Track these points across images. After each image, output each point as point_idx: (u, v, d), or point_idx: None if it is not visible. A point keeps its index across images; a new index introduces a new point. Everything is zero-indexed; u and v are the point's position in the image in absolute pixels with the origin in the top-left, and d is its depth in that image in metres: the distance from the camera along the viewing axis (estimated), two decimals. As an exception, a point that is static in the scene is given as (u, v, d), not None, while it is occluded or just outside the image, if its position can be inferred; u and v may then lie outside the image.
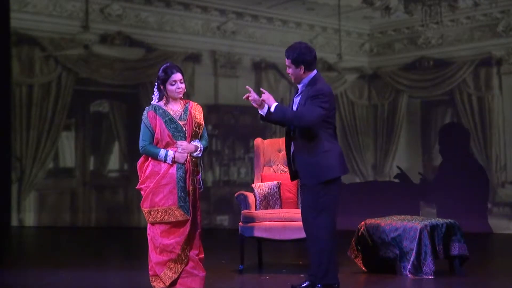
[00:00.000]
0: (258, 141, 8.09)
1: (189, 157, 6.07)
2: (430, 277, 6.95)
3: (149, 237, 6.11)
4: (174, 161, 6.02)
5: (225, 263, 7.88)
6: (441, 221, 7.23)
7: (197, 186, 6.12)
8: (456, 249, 7.19)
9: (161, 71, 6.11)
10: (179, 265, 6.04)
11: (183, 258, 6.05)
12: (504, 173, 10.59)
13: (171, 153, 6.02)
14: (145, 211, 6.07)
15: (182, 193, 6.01)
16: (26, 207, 11.78)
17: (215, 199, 11.50)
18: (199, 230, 6.12)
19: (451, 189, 10.55)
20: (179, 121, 6.10)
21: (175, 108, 6.14)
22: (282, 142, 7.91)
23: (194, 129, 6.12)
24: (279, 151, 7.96)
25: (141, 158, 6.15)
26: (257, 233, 7.39)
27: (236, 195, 7.69)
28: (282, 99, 11.20)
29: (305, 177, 6.11)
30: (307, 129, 6.01)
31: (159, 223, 6.04)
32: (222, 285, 6.82)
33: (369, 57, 11.33)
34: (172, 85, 6.10)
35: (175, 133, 6.07)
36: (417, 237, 7.00)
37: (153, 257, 6.07)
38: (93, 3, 11.79)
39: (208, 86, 11.62)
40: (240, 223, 7.47)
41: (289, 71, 6.15)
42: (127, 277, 7.38)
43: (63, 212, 11.77)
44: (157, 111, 6.09)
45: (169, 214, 6.01)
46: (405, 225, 7.13)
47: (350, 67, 11.38)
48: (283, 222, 7.38)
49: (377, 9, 11.22)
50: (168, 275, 6.03)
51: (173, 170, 6.02)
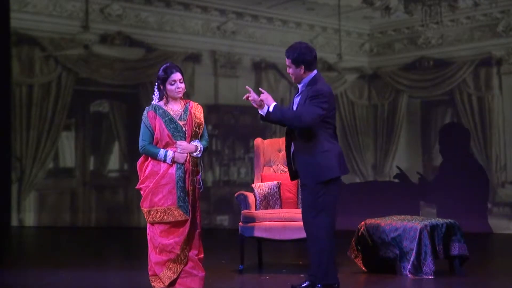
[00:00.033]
0: (258, 141, 8.09)
1: (188, 157, 6.07)
2: (430, 277, 6.95)
3: (148, 237, 6.11)
4: (173, 161, 6.02)
5: (225, 263, 7.88)
6: (441, 221, 7.23)
7: (197, 186, 6.12)
8: (456, 249, 7.19)
9: (161, 71, 6.12)
10: (178, 265, 6.04)
11: (182, 258, 6.05)
12: (504, 173, 10.58)
13: (170, 153, 6.02)
14: (145, 211, 6.07)
15: (181, 193, 6.01)
16: (26, 207, 11.78)
17: (215, 199, 11.50)
18: (199, 230, 6.12)
19: (451, 189, 10.55)
20: (179, 121, 6.10)
21: (175, 108, 6.14)
22: (282, 142, 7.91)
23: (194, 129, 6.12)
24: (279, 151, 7.96)
25: (141, 158, 6.15)
26: (257, 233, 7.38)
27: (236, 195, 7.68)
28: (282, 99, 11.20)
29: (305, 177, 6.11)
30: (307, 129, 6.00)
31: (158, 223, 6.04)
32: (222, 285, 6.82)
33: (369, 57, 11.32)
34: (171, 84, 6.10)
35: (175, 133, 6.07)
36: (417, 237, 7.00)
37: (153, 257, 6.07)
38: (93, 3, 11.79)
39: (208, 86, 11.62)
40: (240, 223, 7.47)
41: (290, 71, 6.15)
42: (127, 277, 7.38)
43: (63, 212, 11.77)
44: (157, 111, 6.09)
45: (168, 214, 6.01)
46: (405, 225, 7.13)
47: (350, 67, 11.37)
48: (283, 222, 7.37)
49: (377, 9, 11.22)
50: (167, 275, 6.03)
51: (173, 170, 6.02)
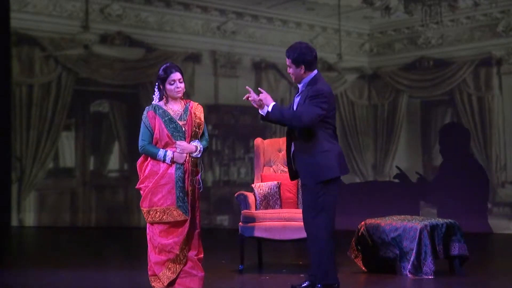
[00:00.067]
0: (258, 141, 8.09)
1: (188, 157, 6.07)
2: (430, 277, 6.95)
3: (148, 237, 6.11)
4: (173, 161, 6.02)
5: (225, 263, 7.87)
6: (441, 221, 7.23)
7: (197, 186, 6.12)
8: (456, 249, 7.19)
9: (160, 71, 6.12)
10: (177, 265, 6.04)
11: (182, 258, 6.04)
12: (504, 173, 10.58)
13: (169, 153, 6.02)
14: (144, 211, 6.07)
15: (180, 193, 6.01)
16: (26, 207, 11.78)
17: (215, 199, 11.50)
18: (198, 230, 6.11)
19: (451, 189, 10.55)
20: (179, 121, 6.09)
21: (175, 108, 6.14)
22: (282, 142, 7.92)
23: (193, 129, 6.11)
24: (279, 151, 7.95)
25: (140, 157, 6.15)
26: (257, 233, 7.38)
27: (236, 195, 7.68)
28: (282, 99, 11.20)
29: (305, 177, 6.11)
30: (307, 129, 6.00)
31: (157, 223, 6.04)
32: (222, 285, 6.82)
33: (369, 57, 11.32)
34: (171, 84, 6.10)
35: (175, 133, 6.07)
36: (417, 237, 7.00)
37: (152, 257, 6.07)
38: (93, 3, 11.79)
39: (208, 86, 11.62)
40: (240, 223, 7.47)
41: (290, 71, 6.15)
42: (127, 277, 7.38)
43: (63, 212, 11.77)
44: (157, 111, 6.09)
45: (168, 214, 6.01)
46: (405, 225, 7.12)
47: (350, 67, 11.37)
48: (283, 222, 7.37)
49: (377, 9, 11.22)
50: (166, 275, 6.03)
51: (172, 170, 6.02)
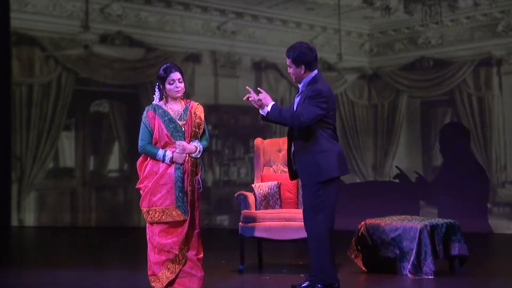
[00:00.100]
0: (258, 141, 8.09)
1: (188, 158, 6.07)
2: (430, 277, 6.95)
3: (148, 237, 6.11)
4: (172, 161, 6.02)
5: (225, 263, 7.87)
6: (441, 221, 7.23)
7: (196, 186, 6.12)
8: (456, 249, 7.19)
9: (160, 70, 6.13)
10: (176, 266, 6.04)
11: (181, 258, 6.04)
12: (504, 173, 10.58)
13: (169, 153, 6.02)
14: (144, 211, 6.08)
15: (180, 193, 6.01)
16: (26, 207, 11.77)
17: (215, 199, 11.49)
18: (198, 230, 6.11)
19: (451, 189, 10.54)
20: (179, 121, 6.09)
21: (175, 108, 6.14)
22: (282, 142, 7.92)
23: (193, 129, 6.11)
24: (279, 151, 7.95)
25: (140, 157, 6.15)
26: (257, 233, 7.38)
27: (236, 195, 7.68)
28: (282, 99, 11.20)
29: (304, 177, 6.12)
30: (306, 128, 6.01)
31: (157, 222, 6.04)
32: (222, 285, 6.82)
33: (369, 57, 11.32)
34: (170, 84, 6.10)
35: (174, 133, 6.07)
36: (417, 237, 7.00)
37: (152, 256, 6.07)
38: (93, 3, 11.79)
39: (208, 86, 11.61)
40: (240, 223, 7.47)
41: (290, 70, 6.16)
42: (127, 277, 7.37)
43: (63, 212, 11.77)
44: (157, 111, 6.09)
45: (167, 214, 6.01)
46: (405, 225, 7.12)
47: (350, 67, 11.37)
48: (283, 222, 7.37)
49: (377, 9, 11.21)
50: (166, 275, 6.03)
51: (171, 170, 6.02)
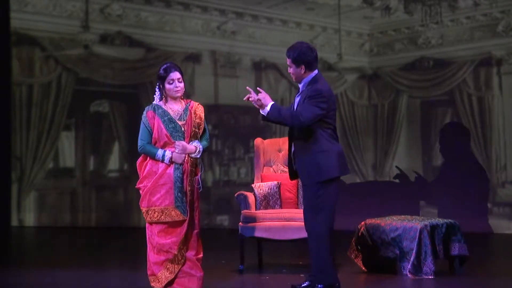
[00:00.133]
0: (258, 141, 8.09)
1: (187, 158, 6.06)
2: (430, 277, 6.95)
3: (147, 237, 6.12)
4: (171, 162, 6.02)
5: (225, 263, 7.87)
6: (441, 221, 7.23)
7: (196, 186, 6.11)
8: (456, 249, 7.19)
9: (161, 70, 6.13)
10: (175, 266, 6.04)
11: (180, 258, 6.04)
12: (504, 173, 10.58)
13: (168, 153, 6.02)
14: (143, 211, 6.08)
15: (179, 194, 6.01)
16: (26, 207, 11.77)
17: (215, 199, 11.49)
18: (197, 230, 6.10)
19: (451, 189, 10.54)
20: (178, 121, 6.09)
21: (175, 107, 6.14)
22: (282, 142, 7.92)
23: (193, 129, 6.11)
24: (279, 151, 7.95)
25: (140, 157, 6.15)
26: (257, 233, 7.38)
27: (236, 195, 7.68)
28: (282, 99, 11.20)
29: (304, 177, 6.12)
30: (306, 128, 6.01)
31: (156, 222, 6.04)
32: (222, 285, 6.82)
33: (369, 57, 11.32)
34: (170, 83, 6.10)
35: (174, 133, 6.07)
36: (417, 237, 7.00)
37: (151, 256, 6.07)
38: (93, 3, 11.79)
39: (208, 86, 11.61)
40: (240, 223, 7.47)
41: (290, 70, 6.16)
42: (127, 277, 7.37)
43: (63, 212, 11.77)
44: (156, 111, 6.09)
45: (166, 214, 6.01)
46: (405, 225, 7.12)
47: (350, 67, 11.37)
48: (283, 222, 7.37)
49: (377, 9, 11.21)
50: (165, 275, 6.03)
51: (171, 170, 6.02)
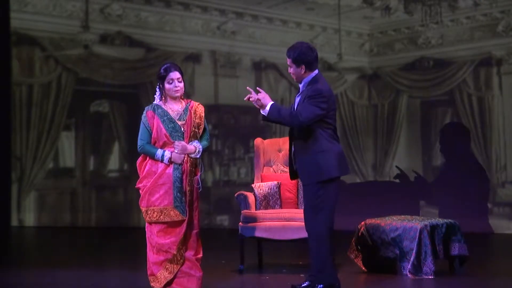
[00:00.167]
0: (258, 141, 8.09)
1: (187, 158, 6.06)
2: (430, 277, 6.95)
3: (147, 236, 6.12)
4: (171, 162, 6.02)
5: (225, 263, 7.87)
6: (441, 221, 7.23)
7: (195, 186, 6.11)
8: (456, 249, 7.19)
9: (161, 69, 6.13)
10: (174, 266, 6.03)
11: (179, 258, 6.04)
12: (504, 173, 10.58)
13: (167, 153, 6.01)
14: (143, 210, 6.08)
15: (178, 194, 6.00)
16: (26, 207, 11.77)
17: (215, 199, 11.49)
18: (196, 230, 6.10)
19: (451, 189, 10.54)
20: (178, 121, 6.09)
21: (175, 107, 6.14)
22: (282, 142, 7.92)
23: (193, 129, 6.11)
24: (279, 151, 7.95)
25: (140, 157, 6.15)
26: (257, 233, 7.38)
27: (236, 195, 7.68)
28: (282, 99, 11.20)
29: (304, 177, 6.11)
30: (306, 128, 6.01)
31: (155, 222, 6.04)
32: (222, 285, 6.82)
33: (369, 57, 11.32)
34: (169, 83, 6.10)
35: (173, 133, 6.06)
36: (417, 237, 7.00)
37: (151, 256, 6.07)
38: (93, 3, 11.79)
39: (208, 86, 11.61)
40: (240, 223, 7.47)
41: (290, 70, 6.15)
42: (126, 277, 7.37)
43: (63, 212, 11.77)
44: (156, 111, 6.09)
45: (165, 214, 6.01)
46: (405, 225, 7.12)
47: (350, 67, 11.37)
48: (283, 222, 7.37)
49: (377, 9, 11.21)
50: (164, 275, 6.03)
51: (170, 170, 6.02)
